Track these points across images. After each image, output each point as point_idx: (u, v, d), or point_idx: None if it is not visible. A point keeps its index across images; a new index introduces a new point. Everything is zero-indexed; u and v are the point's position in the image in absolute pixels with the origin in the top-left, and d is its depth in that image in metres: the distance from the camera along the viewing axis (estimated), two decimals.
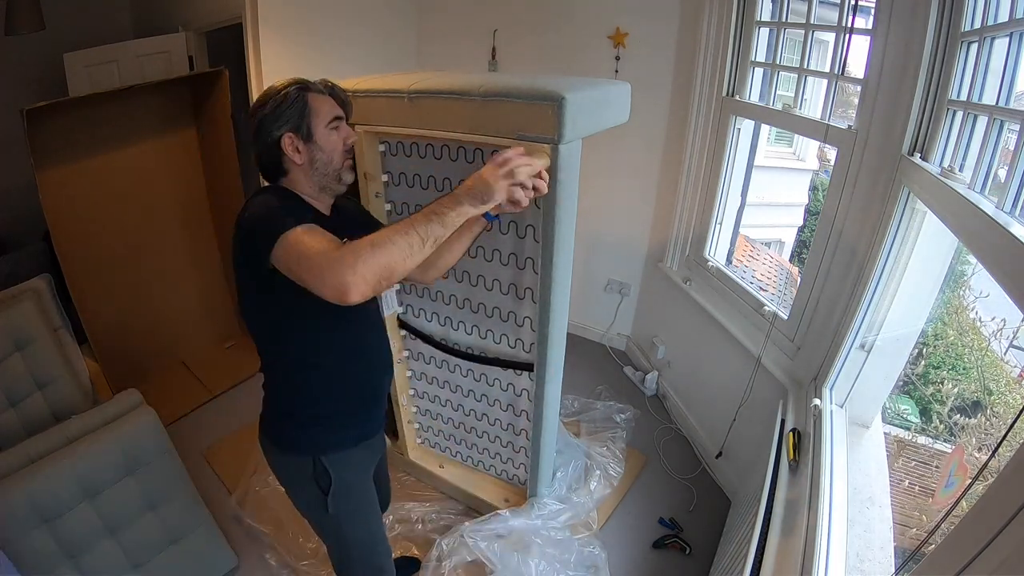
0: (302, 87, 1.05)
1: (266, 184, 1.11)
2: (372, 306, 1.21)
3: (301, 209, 1.04)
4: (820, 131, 1.62)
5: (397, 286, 1.77)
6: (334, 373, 1.12)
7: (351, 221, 1.17)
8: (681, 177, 2.38)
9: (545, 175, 1.02)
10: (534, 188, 0.98)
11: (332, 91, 1.10)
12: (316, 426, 1.13)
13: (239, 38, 2.46)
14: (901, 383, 1.61)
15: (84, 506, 1.38)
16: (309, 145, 1.05)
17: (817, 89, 1.90)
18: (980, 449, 1.41)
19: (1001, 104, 1.09)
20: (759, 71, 2.06)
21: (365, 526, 1.26)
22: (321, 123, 1.05)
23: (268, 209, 0.97)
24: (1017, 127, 1.00)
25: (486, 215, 1.04)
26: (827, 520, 1.16)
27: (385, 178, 1.59)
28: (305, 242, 0.87)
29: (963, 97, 1.22)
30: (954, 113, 1.25)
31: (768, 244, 4.38)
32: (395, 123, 1.42)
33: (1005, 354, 1.54)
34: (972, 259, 1.45)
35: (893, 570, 1.13)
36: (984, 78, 1.15)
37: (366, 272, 0.81)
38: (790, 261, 4.01)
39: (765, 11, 1.99)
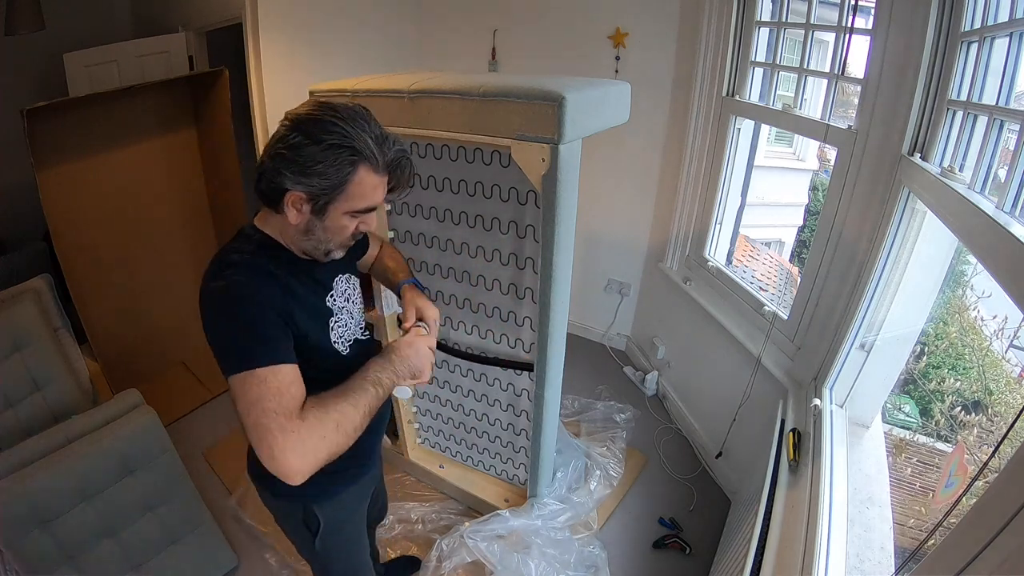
0: (356, 152, 0.81)
1: (248, 225, 0.94)
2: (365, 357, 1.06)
3: (275, 288, 0.85)
4: (820, 131, 1.62)
5: None
6: None
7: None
8: (681, 177, 2.38)
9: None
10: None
11: (396, 170, 0.88)
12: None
13: (239, 38, 2.45)
14: (901, 383, 1.61)
15: (84, 506, 1.38)
16: (313, 218, 0.86)
17: (817, 89, 1.90)
18: (980, 449, 1.41)
19: (1001, 104, 1.09)
20: (759, 71, 2.06)
21: (351, 559, 1.25)
22: (345, 209, 0.86)
23: (229, 318, 0.80)
24: (1017, 127, 1.00)
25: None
26: (827, 520, 1.16)
27: None
28: (260, 396, 0.76)
29: (963, 97, 1.22)
30: (954, 113, 1.25)
31: (768, 244, 4.38)
32: (395, 123, 1.42)
33: (1005, 354, 1.54)
34: (972, 259, 1.45)
35: (893, 570, 1.13)
36: (984, 78, 1.15)
37: (308, 470, 0.76)
38: (790, 261, 4.00)
39: (765, 11, 1.99)
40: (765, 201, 4.10)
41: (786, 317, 1.86)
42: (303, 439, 0.75)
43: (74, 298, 2.21)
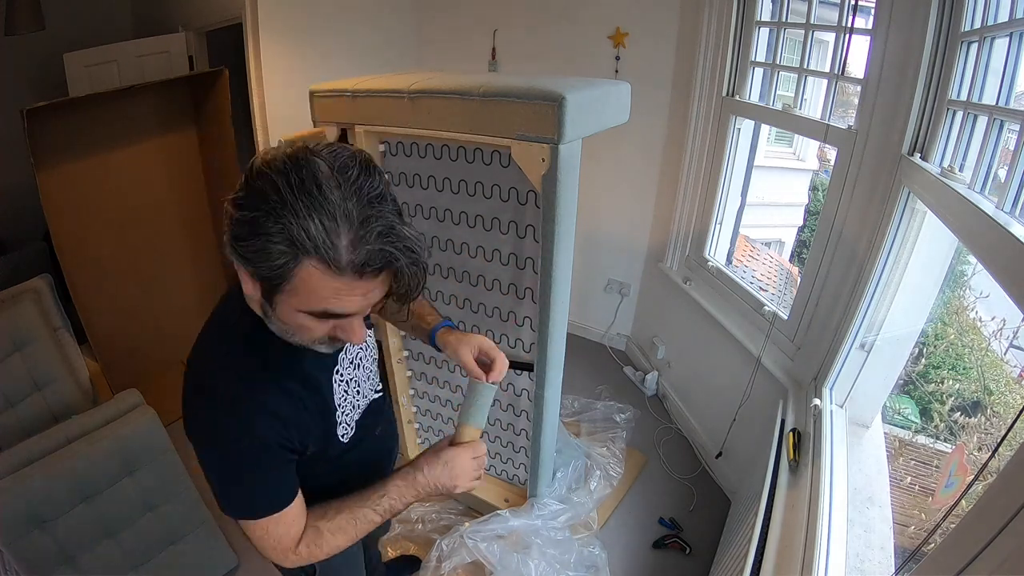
0: (293, 244, 0.56)
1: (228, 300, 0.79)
2: (384, 420, 1.02)
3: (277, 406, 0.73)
4: (820, 131, 1.62)
5: None
6: (331, 490, 0.87)
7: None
8: (681, 177, 2.38)
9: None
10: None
11: (362, 268, 0.58)
12: None
13: (239, 38, 2.46)
14: (901, 383, 1.61)
15: (84, 506, 1.38)
16: (265, 303, 0.66)
17: (817, 89, 1.90)
18: (980, 449, 1.41)
19: (1001, 104, 1.09)
20: (759, 71, 2.06)
21: None
22: (295, 306, 0.63)
23: (226, 459, 0.73)
24: (1017, 127, 1.00)
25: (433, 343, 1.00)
26: (827, 520, 1.16)
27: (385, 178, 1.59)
28: (266, 531, 0.77)
29: (963, 97, 1.22)
30: (954, 113, 1.25)
31: (768, 244, 4.38)
32: (395, 123, 1.42)
33: (1005, 354, 1.54)
34: (972, 259, 1.45)
35: (893, 570, 1.13)
36: (984, 78, 1.15)
37: (314, 559, 0.82)
38: (790, 261, 4.00)
39: (765, 11, 1.99)
40: (765, 201, 4.10)
41: (786, 317, 1.86)
42: (301, 561, 0.81)
43: (74, 298, 2.21)
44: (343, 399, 0.87)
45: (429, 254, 0.72)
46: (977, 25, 1.18)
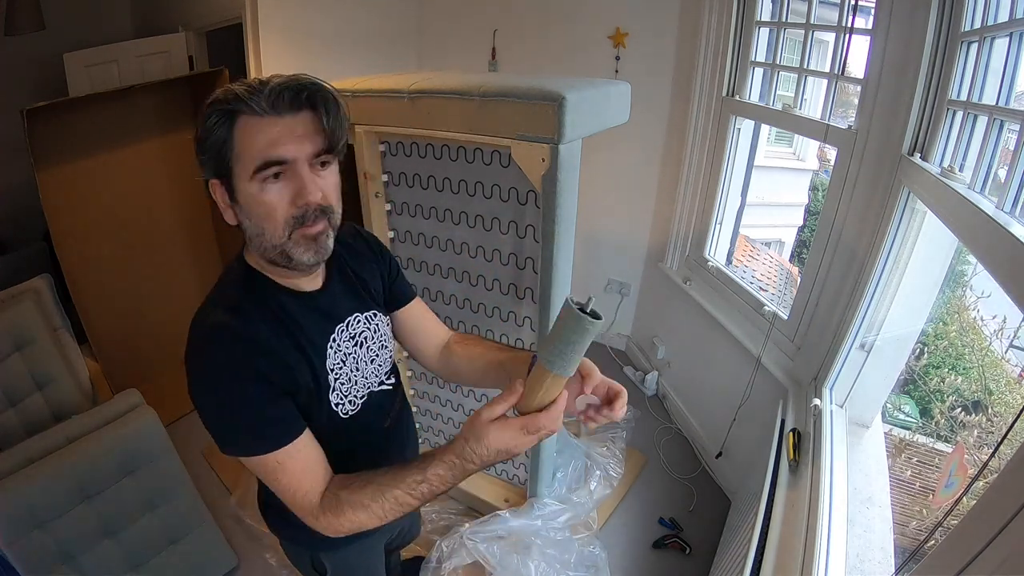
0: (223, 103, 0.67)
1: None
2: (393, 415, 0.99)
3: (271, 342, 0.74)
4: (820, 131, 1.62)
5: None
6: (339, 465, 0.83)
7: (355, 288, 0.89)
8: (681, 177, 2.38)
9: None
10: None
11: (278, 101, 0.67)
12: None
13: (239, 38, 2.46)
14: (901, 383, 1.61)
15: (84, 506, 1.38)
16: (235, 204, 0.73)
17: (817, 89, 1.90)
18: (980, 448, 1.42)
19: (1001, 104, 1.09)
20: (759, 71, 2.06)
21: None
22: (246, 172, 0.69)
23: (221, 402, 0.72)
24: (1017, 127, 1.00)
25: None
26: (827, 520, 1.16)
27: (385, 178, 1.59)
28: (277, 478, 0.74)
29: (963, 97, 1.22)
30: (954, 113, 1.25)
31: (768, 244, 4.38)
32: (395, 123, 1.42)
33: (1005, 354, 1.54)
34: (972, 259, 1.45)
35: (893, 570, 1.13)
36: (984, 78, 1.15)
37: (339, 532, 0.75)
38: (790, 261, 4.00)
39: (765, 11, 1.99)
40: (765, 201, 4.10)
41: (786, 317, 1.86)
42: (324, 527, 0.75)
43: (74, 298, 2.21)
44: (339, 367, 0.84)
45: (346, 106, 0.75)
46: (977, 25, 1.18)
